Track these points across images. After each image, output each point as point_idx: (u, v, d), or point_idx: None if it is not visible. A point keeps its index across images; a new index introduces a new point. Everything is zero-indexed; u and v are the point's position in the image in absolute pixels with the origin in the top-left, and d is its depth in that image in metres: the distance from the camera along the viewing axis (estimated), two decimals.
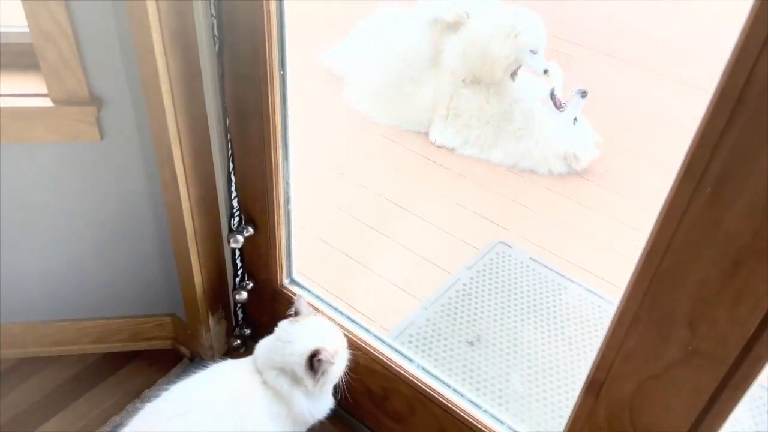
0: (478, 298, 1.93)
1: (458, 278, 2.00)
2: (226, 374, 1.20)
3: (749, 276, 0.72)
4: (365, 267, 2.02)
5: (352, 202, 2.29)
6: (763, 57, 0.61)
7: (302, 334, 1.15)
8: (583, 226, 2.25)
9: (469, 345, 1.79)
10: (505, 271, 2.04)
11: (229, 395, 1.15)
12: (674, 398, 0.87)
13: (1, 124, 1.19)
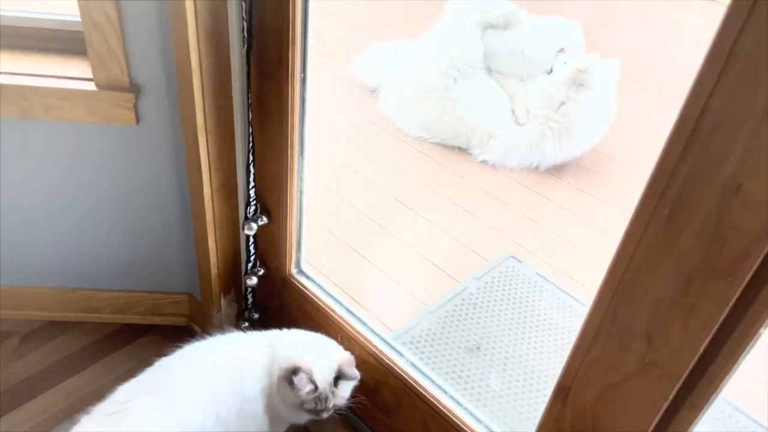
0: (483, 308, 1.99)
1: (465, 287, 2.06)
2: (242, 342, 1.32)
3: (700, 294, 0.78)
4: (374, 266, 2.10)
5: (368, 202, 2.38)
6: (716, 93, 0.67)
7: (311, 347, 1.27)
8: (591, 245, 2.29)
9: (468, 352, 1.85)
10: (512, 284, 2.09)
11: (236, 359, 1.27)
12: (631, 408, 0.93)
13: (50, 103, 1.32)
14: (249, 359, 1.27)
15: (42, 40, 1.39)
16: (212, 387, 1.22)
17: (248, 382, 1.25)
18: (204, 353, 1.30)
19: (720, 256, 0.74)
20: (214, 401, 1.21)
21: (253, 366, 1.26)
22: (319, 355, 1.25)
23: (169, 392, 1.20)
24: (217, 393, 1.22)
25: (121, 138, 1.39)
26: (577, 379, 0.98)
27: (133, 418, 1.17)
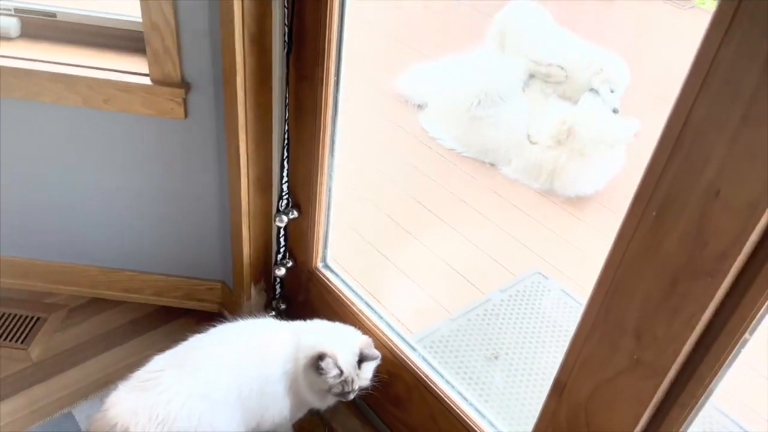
0: (506, 319, 2.03)
1: (489, 298, 2.11)
2: (270, 327, 1.42)
3: (684, 294, 0.83)
4: (398, 270, 2.17)
5: (396, 207, 2.47)
6: (697, 103, 0.73)
7: (336, 336, 1.35)
8: None
9: (486, 360, 1.89)
10: (537, 299, 2.13)
11: (263, 343, 1.36)
12: (621, 405, 0.97)
13: (110, 94, 1.45)
14: (275, 344, 1.36)
15: (103, 38, 1.53)
16: (238, 366, 1.31)
17: (273, 365, 1.33)
18: (234, 334, 1.39)
19: (701, 257, 0.79)
20: (238, 380, 1.30)
21: (279, 350, 1.34)
22: (342, 341, 1.33)
23: (198, 367, 1.30)
24: (242, 372, 1.31)
25: (169, 130, 1.52)
26: (572, 375, 1.03)
27: (162, 387, 1.27)
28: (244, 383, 1.30)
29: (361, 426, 1.59)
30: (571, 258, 2.35)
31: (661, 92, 3.26)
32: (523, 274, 2.22)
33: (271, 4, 1.25)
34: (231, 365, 1.31)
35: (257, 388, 1.32)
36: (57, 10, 1.50)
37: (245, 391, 1.30)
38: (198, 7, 1.32)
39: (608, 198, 2.67)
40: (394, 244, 2.28)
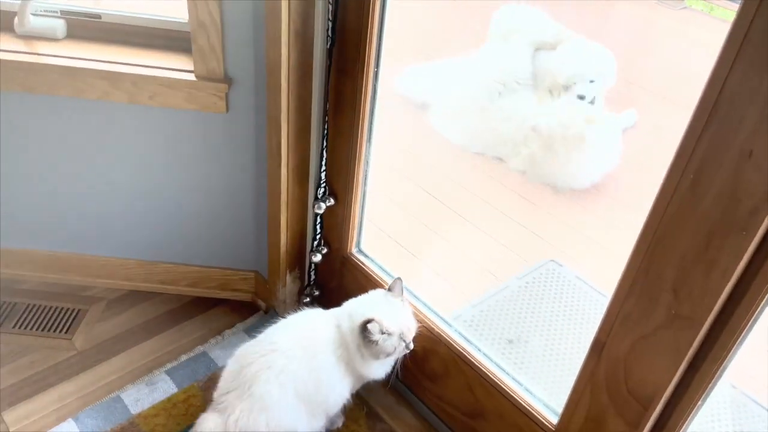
0: (524, 304, 2.12)
1: (507, 285, 2.20)
2: (310, 319, 1.46)
3: (718, 249, 0.92)
4: (419, 260, 2.25)
5: (414, 203, 2.55)
6: (731, 74, 0.82)
7: (374, 307, 1.39)
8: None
9: (508, 343, 1.98)
10: (552, 286, 2.22)
11: (308, 336, 1.41)
12: (658, 358, 1.05)
13: (155, 90, 1.53)
14: (319, 334, 1.41)
15: (146, 38, 1.61)
16: (287, 369, 1.34)
17: (322, 355, 1.38)
18: (277, 337, 1.42)
19: (735, 213, 0.88)
20: (290, 381, 1.34)
21: (325, 339, 1.40)
22: (380, 306, 1.40)
23: (250, 383, 1.34)
24: (293, 373, 1.34)
25: (211, 124, 1.59)
26: (611, 334, 1.11)
27: (229, 409, 1.34)
28: (299, 381, 1.35)
29: (396, 402, 1.66)
30: (583, 246, 2.44)
31: (656, 88, 3.38)
32: (539, 263, 2.31)
33: (316, 1, 1.34)
34: (279, 370, 1.34)
35: (313, 382, 1.36)
36: (102, 12, 1.58)
37: (301, 389, 1.35)
38: (243, 5, 1.41)
39: (610, 189, 2.77)
40: (411, 236, 2.37)
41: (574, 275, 2.27)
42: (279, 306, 1.84)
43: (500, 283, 2.21)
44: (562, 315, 2.08)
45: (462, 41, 3.53)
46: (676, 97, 3.12)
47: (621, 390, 1.13)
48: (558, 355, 1.93)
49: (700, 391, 1.07)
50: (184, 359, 1.73)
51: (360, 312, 1.39)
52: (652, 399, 1.09)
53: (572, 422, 1.25)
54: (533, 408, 1.34)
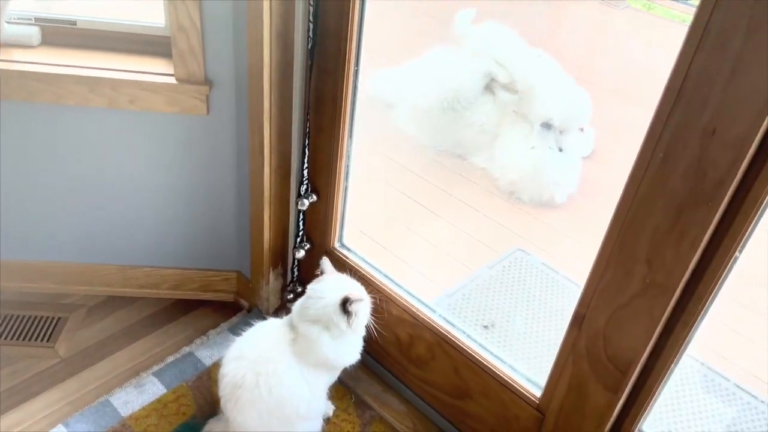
0: (496, 292, 2.21)
1: (479, 274, 2.29)
2: (268, 328, 1.45)
3: (687, 221, 1.01)
4: (394, 255, 2.32)
5: (384, 200, 2.62)
6: (695, 59, 0.92)
7: (330, 289, 1.39)
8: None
9: (484, 329, 2.06)
10: (521, 273, 2.32)
11: (269, 342, 1.41)
12: (635, 325, 1.14)
13: (135, 94, 1.55)
14: (280, 340, 1.40)
15: (123, 43, 1.62)
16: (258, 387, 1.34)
17: (283, 357, 1.38)
18: (247, 346, 1.41)
19: (702, 186, 0.97)
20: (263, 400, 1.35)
21: (285, 342, 1.40)
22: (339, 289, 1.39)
23: (232, 407, 1.38)
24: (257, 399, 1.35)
25: (192, 126, 1.62)
26: (590, 306, 1.20)
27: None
28: (264, 408, 1.36)
29: (383, 391, 1.72)
30: (547, 235, 2.55)
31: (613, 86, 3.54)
32: (507, 252, 2.41)
33: (295, 3, 1.39)
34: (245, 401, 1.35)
35: (275, 399, 1.36)
36: (77, 18, 1.59)
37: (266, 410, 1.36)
38: (222, 7, 1.44)
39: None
40: (382, 230, 2.43)
41: (540, 262, 2.37)
42: (262, 304, 1.87)
43: (472, 273, 2.30)
44: (532, 299, 2.18)
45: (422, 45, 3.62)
46: (629, 92, 3.28)
47: (601, 358, 1.22)
48: (532, 336, 2.03)
49: (673, 355, 1.17)
50: (171, 360, 1.75)
51: (322, 299, 1.37)
52: (629, 364, 1.19)
53: (555, 393, 1.33)
54: (517, 383, 1.42)
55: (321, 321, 1.36)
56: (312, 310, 1.37)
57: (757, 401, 1.86)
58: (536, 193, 2.71)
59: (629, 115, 3.11)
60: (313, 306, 1.37)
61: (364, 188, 2.67)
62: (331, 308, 1.36)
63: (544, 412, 1.37)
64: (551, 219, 2.66)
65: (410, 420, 1.65)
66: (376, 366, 1.75)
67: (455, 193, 2.75)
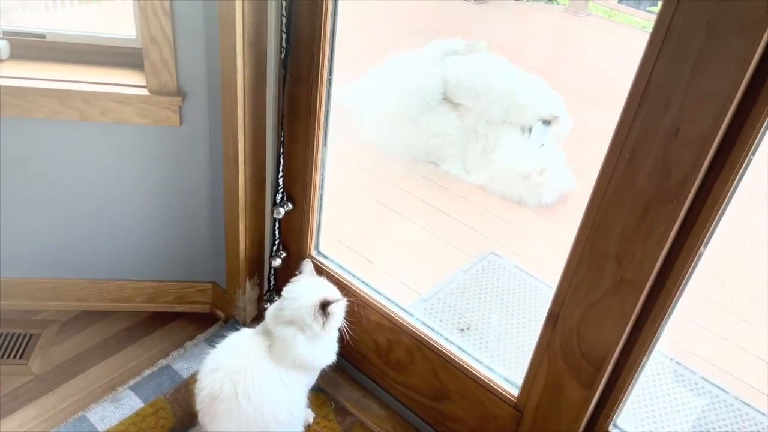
0: (471, 295, 2.24)
1: (453, 279, 2.31)
2: (242, 338, 1.46)
3: (654, 219, 1.05)
4: (369, 262, 2.34)
5: (362, 208, 2.63)
6: (657, 64, 0.96)
7: (305, 291, 1.40)
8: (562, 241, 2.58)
9: (460, 332, 2.09)
10: (494, 276, 2.35)
11: (245, 351, 1.42)
12: (607, 322, 1.18)
13: (106, 106, 1.54)
14: (255, 346, 1.41)
15: (93, 55, 1.62)
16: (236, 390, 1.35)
17: (260, 363, 1.39)
18: (223, 357, 1.41)
19: (667, 185, 1.01)
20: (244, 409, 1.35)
21: (260, 348, 1.41)
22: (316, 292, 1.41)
23: (211, 418, 1.38)
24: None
25: (165, 138, 1.62)
26: (564, 304, 1.23)
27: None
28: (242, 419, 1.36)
29: (363, 396, 1.73)
30: (518, 238, 2.60)
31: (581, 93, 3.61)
32: (480, 255, 2.45)
33: (268, 13, 1.40)
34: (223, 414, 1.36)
35: (254, 406, 1.36)
36: (46, 32, 1.58)
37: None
38: (194, 19, 1.45)
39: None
40: (357, 238, 2.45)
41: (513, 264, 2.41)
42: (239, 314, 1.87)
43: (446, 277, 2.33)
44: (506, 301, 2.22)
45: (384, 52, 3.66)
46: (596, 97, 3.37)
47: (575, 355, 1.25)
48: (508, 336, 2.06)
49: (644, 350, 1.21)
50: (148, 374, 1.73)
51: (297, 300, 1.38)
52: (603, 360, 1.22)
53: (532, 391, 1.36)
54: (495, 383, 1.45)
55: (296, 322, 1.37)
56: (287, 311, 1.38)
57: (725, 393, 1.92)
58: (557, 186, 2.76)
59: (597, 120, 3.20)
60: (288, 307, 1.38)
61: (340, 196, 2.68)
62: (305, 310, 1.36)
63: (522, 411, 1.40)
64: (520, 220, 2.71)
65: (390, 424, 1.67)
66: (355, 372, 1.76)
67: (426, 198, 2.78)
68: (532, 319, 2.14)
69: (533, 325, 2.10)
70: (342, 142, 3.07)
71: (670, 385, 1.93)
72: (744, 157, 0.98)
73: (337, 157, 2.88)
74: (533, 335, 1.33)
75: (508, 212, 2.75)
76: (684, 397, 1.90)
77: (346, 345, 1.53)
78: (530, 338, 2.01)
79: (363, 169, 2.95)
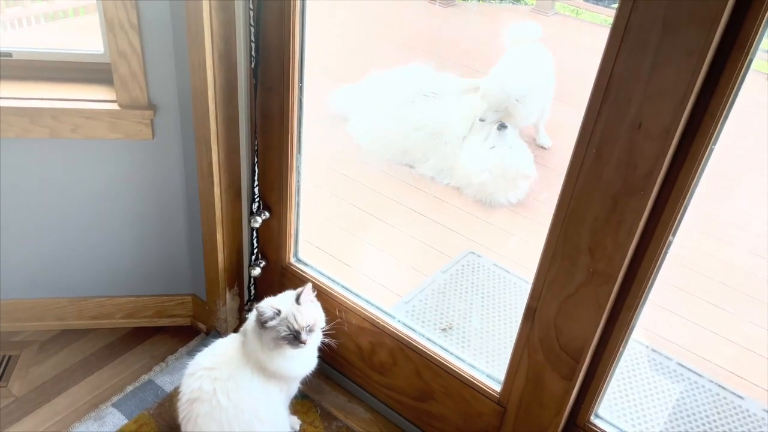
0: (452, 295, 2.26)
1: (434, 279, 2.33)
2: (222, 342, 1.48)
3: (623, 210, 1.08)
4: (348, 267, 2.34)
5: (340, 213, 2.65)
6: (618, 60, 0.98)
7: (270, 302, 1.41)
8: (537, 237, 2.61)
9: (442, 331, 2.10)
10: (474, 275, 2.37)
11: (223, 351, 1.44)
12: (583, 313, 1.20)
13: (77, 122, 1.53)
14: (236, 354, 1.43)
15: (61, 72, 1.61)
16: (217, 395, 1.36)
17: (240, 369, 1.40)
18: (204, 361, 1.43)
19: (633, 177, 1.04)
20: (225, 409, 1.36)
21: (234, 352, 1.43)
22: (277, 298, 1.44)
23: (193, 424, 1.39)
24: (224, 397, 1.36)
25: (138, 152, 1.62)
26: (541, 299, 1.25)
27: None
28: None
29: (348, 401, 1.74)
30: (493, 236, 2.63)
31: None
32: (459, 255, 2.47)
33: (236, 24, 1.41)
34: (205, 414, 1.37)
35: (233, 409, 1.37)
36: (12, 50, 1.57)
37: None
38: (163, 32, 1.45)
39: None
40: (335, 243, 2.46)
41: (491, 263, 2.44)
42: (220, 325, 1.86)
43: (427, 278, 2.34)
44: (487, 299, 2.24)
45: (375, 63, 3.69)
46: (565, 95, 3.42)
47: (554, 348, 1.28)
48: (489, 334, 2.08)
49: (621, 339, 1.24)
50: (130, 390, 1.72)
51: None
52: (581, 351, 1.24)
53: (514, 386, 1.38)
54: (478, 380, 1.46)
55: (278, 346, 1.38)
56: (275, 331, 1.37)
57: (700, 378, 1.96)
58: (505, 188, 2.80)
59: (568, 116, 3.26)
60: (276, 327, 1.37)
61: (317, 203, 2.69)
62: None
63: (505, 406, 1.42)
64: (495, 219, 2.74)
65: (377, 427, 1.67)
66: (339, 377, 1.77)
67: (403, 201, 2.80)
68: (512, 315, 2.16)
69: (513, 321, 2.12)
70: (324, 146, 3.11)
71: (647, 372, 1.97)
72: (705, 148, 1.01)
73: (318, 164, 2.91)
74: (514, 331, 1.36)
75: (483, 212, 2.79)
76: (661, 383, 1.93)
77: (328, 350, 1.54)
78: (511, 334, 2.03)
79: (341, 175, 2.96)
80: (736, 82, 0.95)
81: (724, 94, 0.96)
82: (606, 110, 1.03)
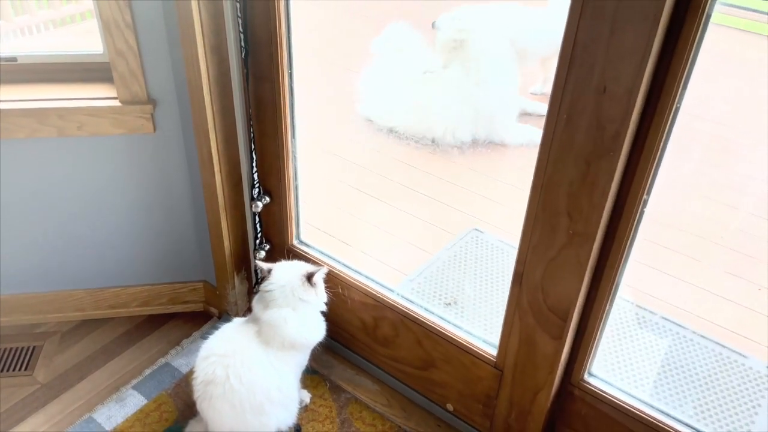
0: (456, 271, 2.31)
1: (439, 257, 2.39)
2: (232, 327, 1.54)
3: (596, 172, 1.12)
4: (352, 247, 2.41)
5: (341, 195, 2.73)
6: (580, 27, 1.03)
7: (286, 273, 1.49)
8: None
9: (446, 306, 2.16)
10: (478, 251, 2.43)
11: (234, 336, 1.51)
12: (567, 273, 1.25)
13: (82, 120, 1.61)
14: (244, 334, 1.50)
15: (65, 73, 1.69)
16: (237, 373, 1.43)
17: (249, 346, 1.47)
18: (216, 345, 1.50)
19: (602, 140, 1.09)
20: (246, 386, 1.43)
21: (249, 334, 1.49)
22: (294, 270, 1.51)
23: (209, 414, 1.47)
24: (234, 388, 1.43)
25: (141, 145, 1.69)
26: (526, 263, 1.31)
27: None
28: (237, 401, 1.43)
29: (355, 374, 1.81)
30: (499, 212, 2.68)
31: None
32: (463, 232, 2.52)
33: (225, 17, 1.47)
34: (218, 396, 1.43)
35: (246, 388, 1.43)
36: (18, 54, 1.65)
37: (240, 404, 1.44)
38: (156, 29, 1.52)
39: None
40: (339, 225, 2.53)
41: (496, 239, 2.49)
42: (231, 309, 1.94)
43: (431, 256, 2.40)
44: (491, 273, 2.29)
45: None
46: None
47: (542, 309, 1.33)
48: (492, 306, 2.14)
49: (606, 297, 1.29)
50: (149, 372, 1.81)
51: (282, 283, 1.47)
52: (568, 311, 1.30)
53: (509, 349, 1.44)
54: (475, 346, 1.52)
55: (288, 303, 1.46)
56: (276, 294, 1.46)
57: (684, 329, 2.02)
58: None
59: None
60: (276, 291, 1.47)
61: (318, 186, 2.76)
62: (296, 283, 1.47)
63: (502, 369, 1.48)
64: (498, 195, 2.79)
65: (384, 397, 1.74)
66: (346, 351, 1.84)
67: (404, 181, 2.86)
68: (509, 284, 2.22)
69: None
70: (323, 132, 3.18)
71: (635, 328, 2.02)
72: (670, 107, 1.05)
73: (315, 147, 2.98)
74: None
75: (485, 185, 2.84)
76: (648, 338, 1.99)
77: (334, 325, 1.61)
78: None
79: (340, 159, 3.03)
80: (693, 42, 0.99)
81: (683, 56, 1.00)
82: (573, 76, 1.07)
